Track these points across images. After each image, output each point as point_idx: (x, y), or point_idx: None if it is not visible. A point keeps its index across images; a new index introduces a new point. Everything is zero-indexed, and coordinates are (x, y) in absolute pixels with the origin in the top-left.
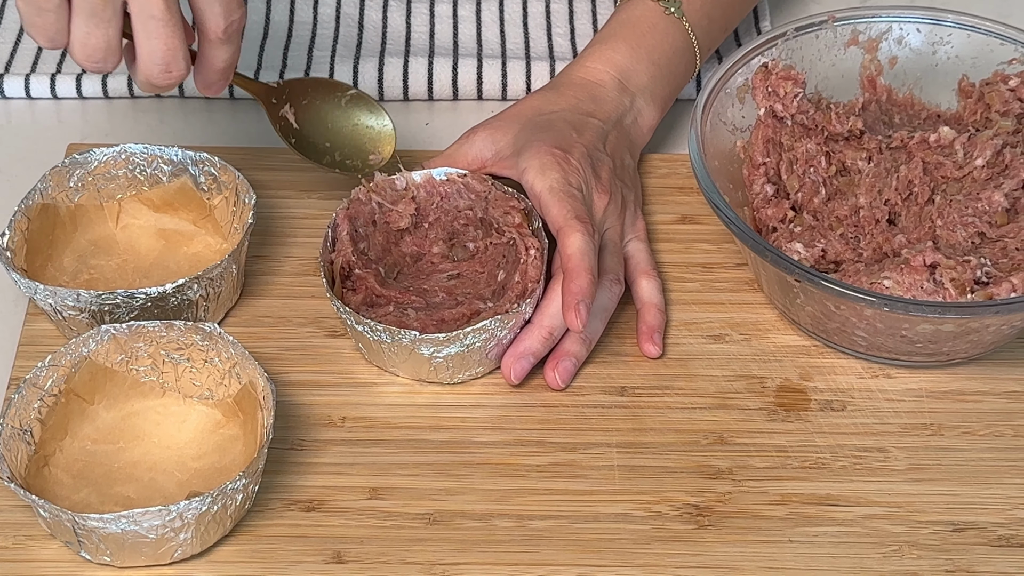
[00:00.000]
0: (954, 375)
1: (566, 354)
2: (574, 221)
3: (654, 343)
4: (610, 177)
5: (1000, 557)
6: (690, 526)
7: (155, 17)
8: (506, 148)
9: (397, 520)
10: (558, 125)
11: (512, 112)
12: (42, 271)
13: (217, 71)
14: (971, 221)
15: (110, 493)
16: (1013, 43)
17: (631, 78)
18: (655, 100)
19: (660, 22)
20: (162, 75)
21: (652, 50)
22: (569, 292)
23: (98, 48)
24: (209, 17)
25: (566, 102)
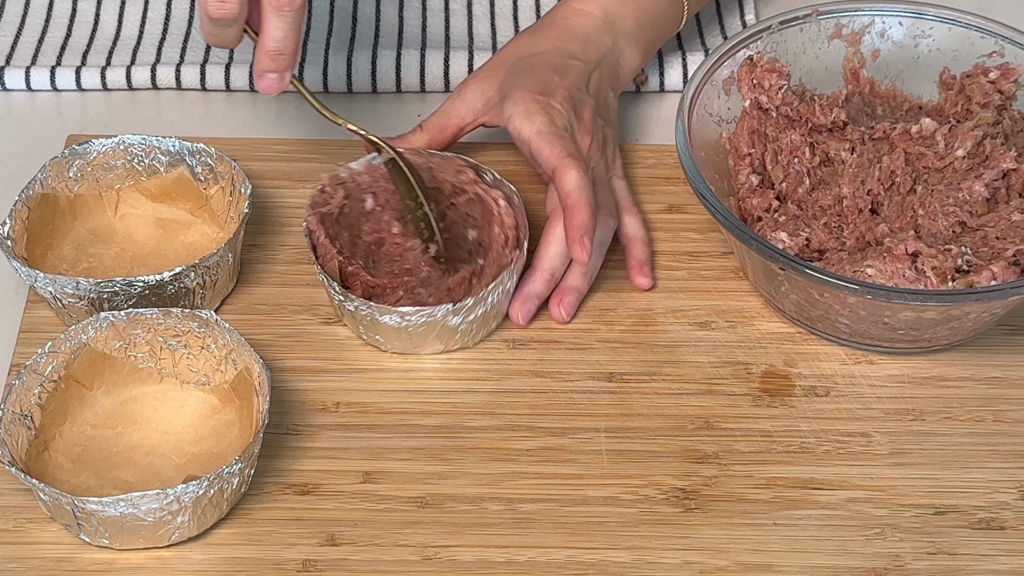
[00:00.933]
0: (935, 361)
1: (569, 289)
2: (568, 159)
3: (644, 275)
4: (592, 117)
5: (980, 539)
6: (677, 509)
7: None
8: (494, 96)
9: (390, 503)
10: (540, 68)
11: (497, 60)
12: (42, 260)
13: (268, 51)
14: (952, 211)
15: (109, 477)
16: (993, 36)
17: (616, 20)
18: (638, 44)
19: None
20: (216, 5)
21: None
22: (572, 227)
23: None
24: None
25: (549, 44)
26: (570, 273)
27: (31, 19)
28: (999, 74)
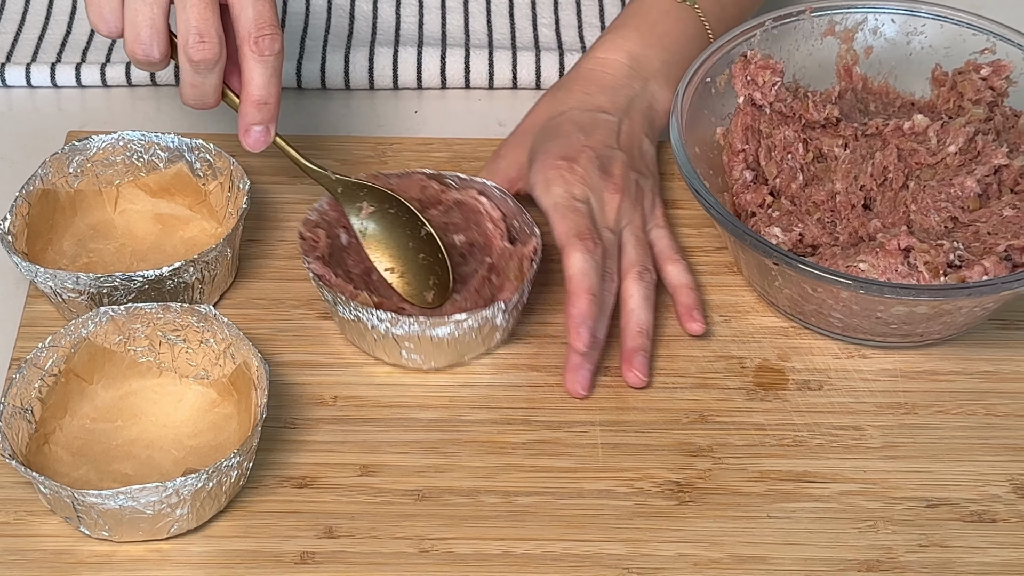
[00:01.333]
0: (928, 355)
1: (633, 351)
2: (574, 240)
3: (695, 319)
4: (623, 172)
5: (972, 532)
6: (671, 502)
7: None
8: (526, 163)
9: (387, 496)
10: (565, 129)
11: (527, 123)
12: (42, 255)
13: (252, 101)
14: (944, 206)
15: (108, 470)
16: (985, 33)
17: (642, 64)
18: (669, 83)
19: (672, 9)
20: (196, 45)
21: (663, 36)
22: (571, 315)
23: (143, 27)
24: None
25: (574, 99)
26: (628, 336)
27: (31, 16)
28: (991, 71)
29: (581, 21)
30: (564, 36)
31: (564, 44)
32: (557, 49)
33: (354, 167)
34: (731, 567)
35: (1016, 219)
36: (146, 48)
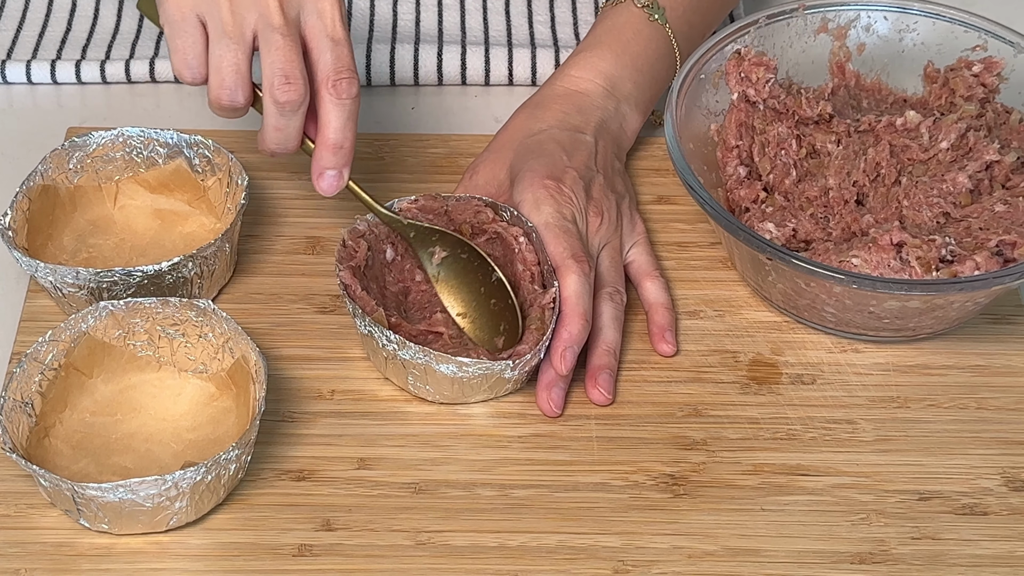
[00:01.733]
0: (920, 350)
1: (599, 369)
2: (570, 261)
3: (666, 341)
4: (602, 194)
5: (964, 525)
6: (666, 495)
7: (274, 27)
8: (505, 180)
9: (384, 489)
10: (548, 147)
11: (503, 139)
12: (43, 250)
13: (328, 144)
14: (936, 202)
15: (108, 463)
16: (976, 30)
17: (616, 85)
18: (638, 106)
19: (644, 28)
20: (282, 87)
21: (636, 57)
22: (559, 337)
23: (228, 72)
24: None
25: (553, 117)
26: (594, 354)
27: (32, 14)
28: (982, 68)
29: (576, 18)
30: (560, 33)
31: (560, 41)
32: (553, 46)
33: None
34: (725, 559)
35: (1007, 215)
36: (231, 93)
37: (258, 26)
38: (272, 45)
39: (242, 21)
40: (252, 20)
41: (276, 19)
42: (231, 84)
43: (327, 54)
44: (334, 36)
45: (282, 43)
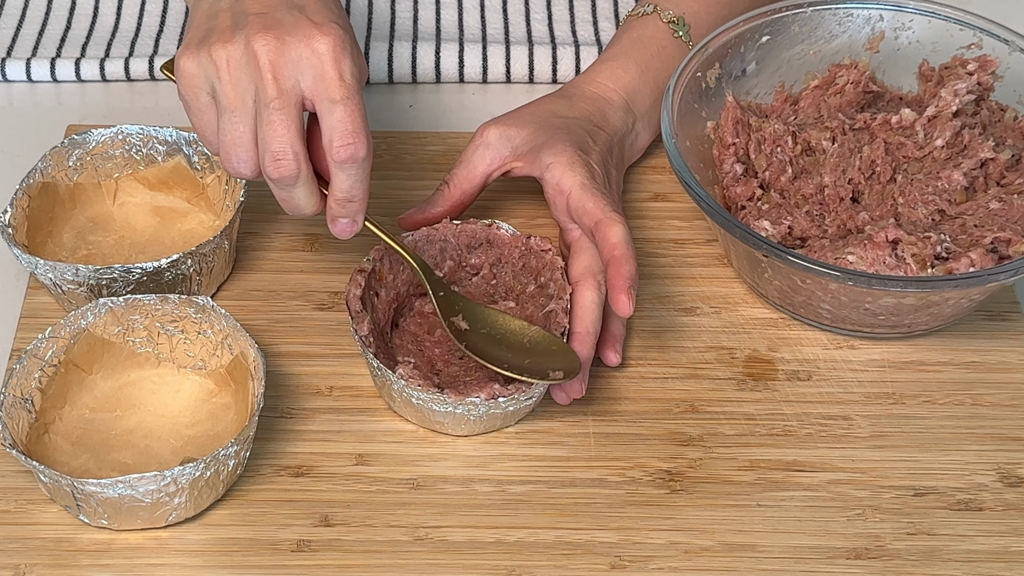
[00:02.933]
0: (915, 346)
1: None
2: (613, 213)
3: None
4: (617, 185)
5: (959, 520)
6: (662, 491)
7: (267, 102)
8: (523, 145)
9: (382, 485)
10: (576, 130)
11: (525, 111)
12: (42, 247)
13: (337, 200)
14: (931, 199)
15: (108, 459)
16: (972, 29)
17: (636, 100)
18: (651, 125)
19: (668, 45)
20: (271, 165)
21: (658, 74)
22: (621, 276)
23: (231, 145)
24: (326, 134)
25: (579, 112)
26: (614, 322)
27: (31, 12)
28: (977, 66)
29: (574, 16)
30: (557, 31)
31: (557, 39)
32: (550, 44)
33: None
34: (721, 555)
35: (1002, 211)
36: (235, 167)
37: (256, 99)
38: (264, 121)
39: (243, 94)
40: (252, 92)
41: (270, 92)
42: (235, 158)
43: (329, 118)
44: (334, 98)
45: (274, 118)
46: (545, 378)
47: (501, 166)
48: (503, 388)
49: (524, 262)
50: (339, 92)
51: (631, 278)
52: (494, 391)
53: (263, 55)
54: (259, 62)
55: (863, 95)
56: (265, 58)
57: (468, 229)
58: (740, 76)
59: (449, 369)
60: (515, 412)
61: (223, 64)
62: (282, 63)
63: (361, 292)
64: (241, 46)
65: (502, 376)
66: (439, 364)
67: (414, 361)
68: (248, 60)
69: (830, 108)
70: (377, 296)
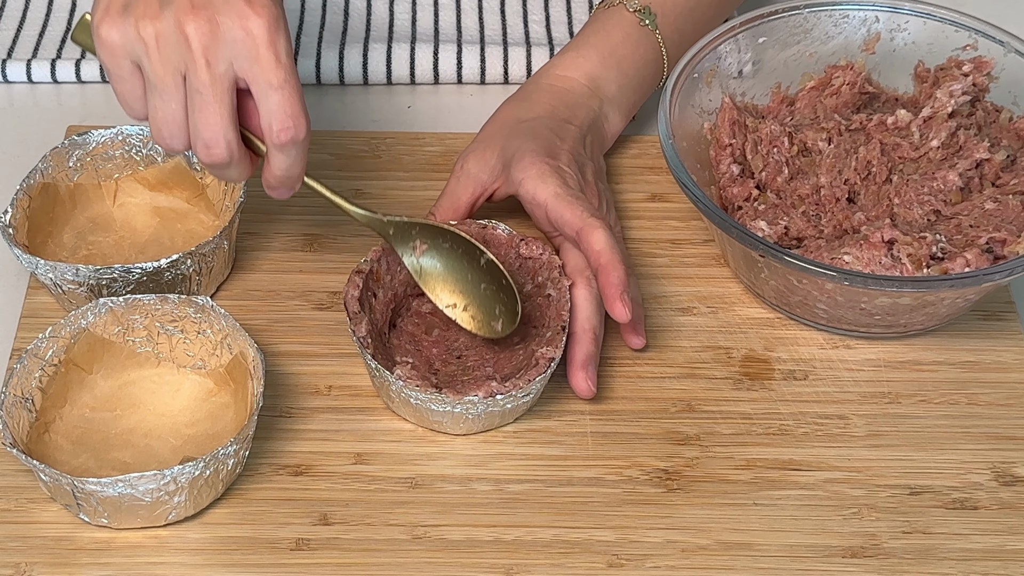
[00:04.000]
0: (911, 346)
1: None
2: (592, 219)
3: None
4: (594, 178)
5: (954, 519)
6: (659, 489)
7: (200, 92)
8: (496, 164)
9: (381, 484)
10: (541, 132)
11: (491, 127)
12: (43, 247)
13: (274, 176)
14: (927, 199)
15: (108, 458)
16: (967, 30)
17: (600, 86)
18: (621, 109)
19: (634, 32)
20: (203, 151)
21: (623, 60)
22: (610, 285)
23: (163, 122)
24: (264, 117)
25: (542, 109)
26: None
27: (32, 13)
28: (972, 67)
29: (571, 17)
30: (554, 32)
31: (554, 40)
32: (548, 45)
33: (348, 161)
34: (718, 553)
35: (997, 212)
36: (168, 142)
37: (187, 81)
38: (196, 107)
39: (173, 72)
40: (182, 70)
41: (202, 76)
42: (167, 134)
43: (266, 103)
44: (272, 82)
45: (207, 106)
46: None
47: (484, 193)
48: (500, 386)
49: (521, 262)
50: (276, 76)
51: (621, 283)
52: (491, 389)
53: (195, 38)
54: (191, 45)
55: (859, 96)
56: (197, 42)
57: (464, 230)
58: (737, 77)
59: (447, 369)
60: (513, 410)
61: (151, 41)
62: (214, 46)
63: (359, 293)
64: (171, 24)
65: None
66: (437, 364)
67: (412, 361)
68: (178, 40)
69: (826, 109)
70: (375, 297)
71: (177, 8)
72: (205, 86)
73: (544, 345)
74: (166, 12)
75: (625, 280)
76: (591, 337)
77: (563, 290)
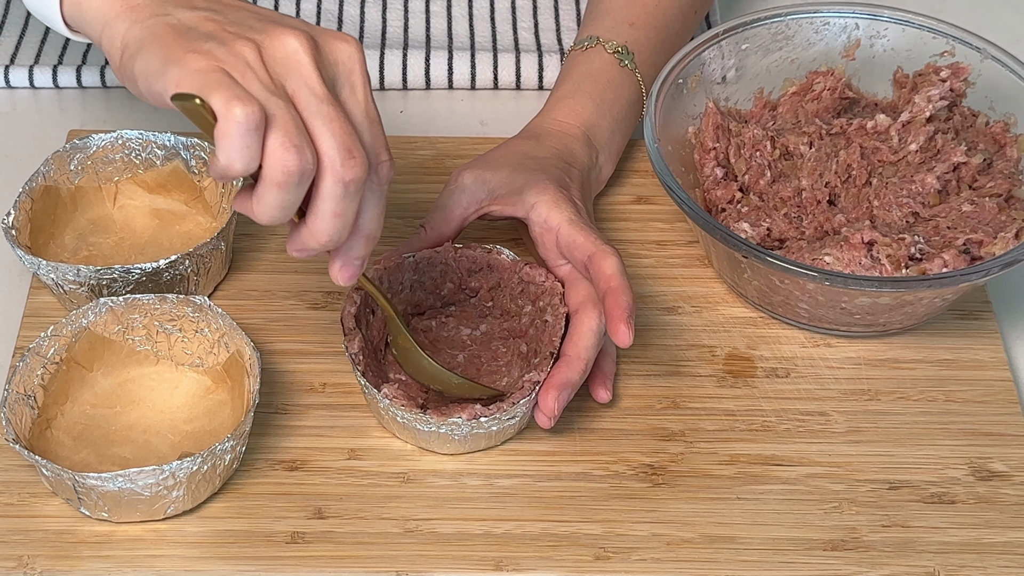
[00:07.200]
0: (890, 344)
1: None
2: (605, 245)
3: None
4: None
5: (932, 513)
6: (645, 484)
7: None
8: (500, 188)
9: (374, 479)
10: (551, 169)
11: (498, 155)
12: (45, 248)
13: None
14: (906, 202)
15: (108, 454)
16: (944, 37)
17: (596, 134)
18: (611, 156)
19: (617, 76)
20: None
21: (612, 105)
22: (619, 307)
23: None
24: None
25: (549, 151)
26: (606, 360)
27: (35, 20)
28: (950, 73)
29: (559, 24)
30: (543, 39)
31: (543, 46)
32: (536, 51)
33: None
34: (702, 546)
35: (974, 214)
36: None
37: (299, 94)
38: (324, 116)
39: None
40: (291, 86)
41: (319, 89)
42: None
43: (365, 135)
44: (370, 115)
45: (334, 114)
46: None
47: (477, 209)
48: (485, 409)
49: (523, 287)
50: (374, 110)
51: (628, 308)
52: (476, 411)
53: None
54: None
55: (839, 101)
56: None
57: (469, 254)
58: (720, 83)
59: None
60: (499, 432)
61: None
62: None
63: (355, 310)
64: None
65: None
66: None
67: (403, 379)
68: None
69: (807, 114)
70: (373, 314)
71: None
72: (326, 96)
73: (531, 369)
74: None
75: (632, 305)
76: (580, 368)
77: (559, 317)
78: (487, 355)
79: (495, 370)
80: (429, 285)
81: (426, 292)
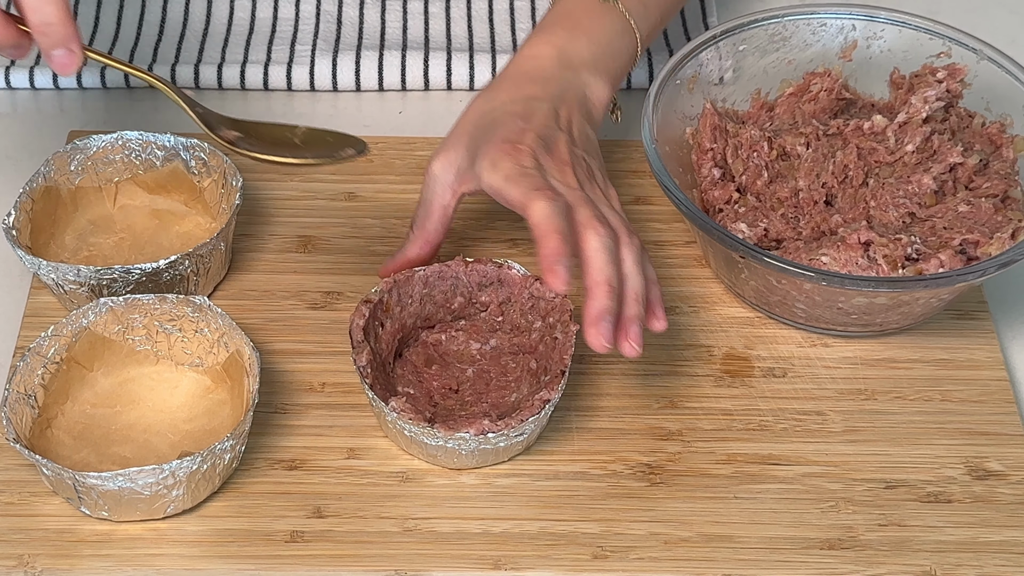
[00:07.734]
0: (886, 344)
1: (629, 321)
2: (533, 193)
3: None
4: (568, 149)
5: (928, 512)
6: (643, 483)
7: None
8: (463, 162)
9: (373, 478)
10: (503, 119)
11: (458, 127)
12: (45, 248)
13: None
14: (902, 202)
15: (108, 453)
16: (941, 38)
17: (571, 55)
18: (602, 74)
19: (596, 8)
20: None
21: (590, 31)
22: (544, 256)
23: None
24: None
25: (506, 93)
26: (625, 304)
27: None
28: (946, 73)
29: None
30: None
31: None
32: None
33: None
34: (699, 545)
35: (970, 214)
36: None
37: None
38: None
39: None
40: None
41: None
42: None
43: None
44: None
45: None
46: (336, 159)
47: (453, 194)
48: (493, 425)
49: (533, 303)
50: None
51: (553, 254)
52: (483, 427)
53: None
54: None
55: (836, 102)
56: None
57: (480, 268)
58: (718, 84)
59: (446, 402)
60: (507, 448)
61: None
62: None
63: (364, 323)
64: None
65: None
66: (436, 397)
67: (412, 392)
68: None
69: (804, 115)
70: (382, 327)
71: None
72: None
73: (541, 387)
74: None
75: (559, 250)
76: (605, 290)
77: (569, 334)
78: (496, 370)
79: (504, 385)
80: (439, 298)
81: (436, 305)
